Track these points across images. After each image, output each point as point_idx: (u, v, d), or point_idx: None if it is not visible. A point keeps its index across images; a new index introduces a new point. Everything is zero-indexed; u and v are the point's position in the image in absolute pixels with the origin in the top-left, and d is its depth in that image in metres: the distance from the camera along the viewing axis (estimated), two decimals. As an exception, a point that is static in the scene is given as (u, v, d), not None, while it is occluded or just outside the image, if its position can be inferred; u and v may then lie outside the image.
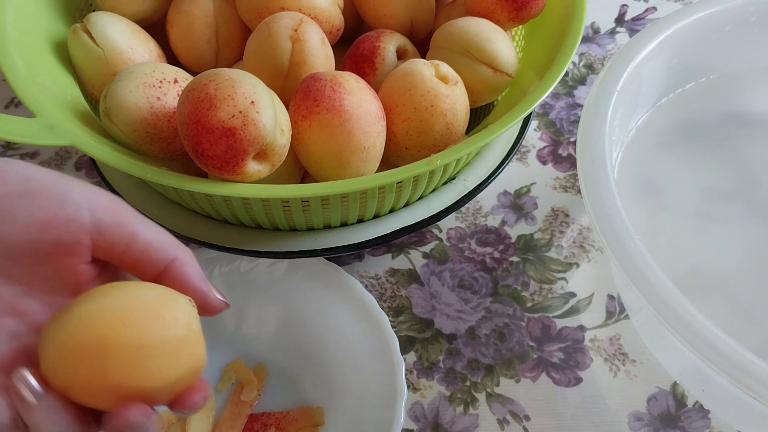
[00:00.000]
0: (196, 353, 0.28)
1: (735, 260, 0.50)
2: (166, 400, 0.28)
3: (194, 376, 0.28)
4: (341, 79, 0.43)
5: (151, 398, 0.27)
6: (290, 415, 0.46)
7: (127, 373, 0.26)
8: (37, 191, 0.28)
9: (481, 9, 0.50)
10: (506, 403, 0.48)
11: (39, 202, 0.28)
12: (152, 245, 0.29)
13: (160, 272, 0.30)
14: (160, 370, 0.27)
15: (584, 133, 0.47)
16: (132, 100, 0.42)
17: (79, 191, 0.29)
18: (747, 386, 0.36)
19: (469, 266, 0.54)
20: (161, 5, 0.53)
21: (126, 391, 0.26)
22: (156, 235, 0.30)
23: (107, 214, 0.29)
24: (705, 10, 0.54)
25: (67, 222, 0.28)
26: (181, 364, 0.27)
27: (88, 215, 0.28)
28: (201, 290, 0.30)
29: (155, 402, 0.28)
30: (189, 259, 0.30)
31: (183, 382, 0.28)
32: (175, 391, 0.28)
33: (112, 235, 0.29)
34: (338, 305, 0.47)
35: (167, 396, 0.28)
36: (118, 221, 0.29)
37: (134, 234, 0.29)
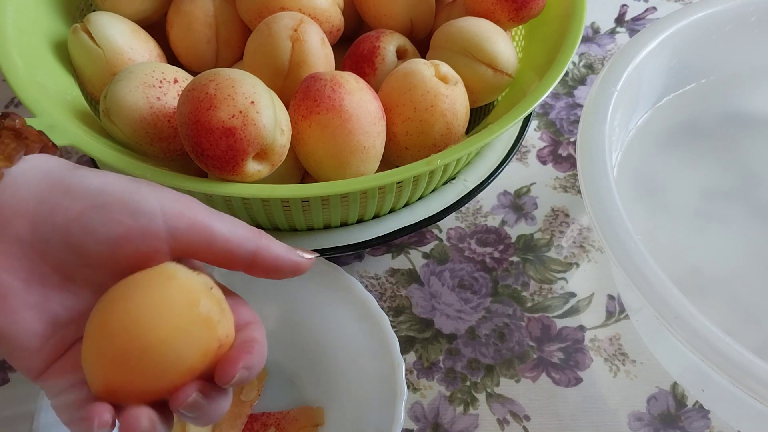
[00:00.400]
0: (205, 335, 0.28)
1: (735, 260, 0.50)
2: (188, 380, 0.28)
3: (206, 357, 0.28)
4: (341, 79, 0.43)
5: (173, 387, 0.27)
6: (290, 415, 0.46)
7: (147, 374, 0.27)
8: (110, 205, 0.28)
9: (481, 9, 0.50)
10: (506, 403, 0.48)
11: (113, 216, 0.28)
12: (231, 243, 0.30)
13: (247, 265, 0.30)
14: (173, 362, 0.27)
15: (584, 133, 0.47)
16: (132, 100, 0.42)
17: (152, 199, 0.29)
18: (747, 386, 0.36)
19: (469, 266, 0.54)
20: (161, 5, 0.53)
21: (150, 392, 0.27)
22: (233, 231, 0.30)
23: (182, 221, 0.29)
24: (705, 10, 0.54)
25: (143, 234, 0.28)
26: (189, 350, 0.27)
27: (162, 225, 0.28)
28: (293, 266, 0.31)
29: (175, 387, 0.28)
30: (268, 244, 0.31)
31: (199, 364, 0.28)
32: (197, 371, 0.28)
33: (188, 240, 0.29)
34: (338, 305, 0.47)
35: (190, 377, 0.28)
36: (193, 226, 0.29)
37: (211, 236, 0.29)
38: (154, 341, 0.27)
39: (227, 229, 0.30)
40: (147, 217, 0.28)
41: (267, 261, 0.31)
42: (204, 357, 0.28)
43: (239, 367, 0.28)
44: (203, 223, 0.29)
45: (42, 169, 0.30)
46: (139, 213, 0.28)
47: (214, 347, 0.28)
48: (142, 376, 0.27)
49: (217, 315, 0.28)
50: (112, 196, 0.28)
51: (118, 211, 0.28)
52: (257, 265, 0.30)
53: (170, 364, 0.27)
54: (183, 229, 0.29)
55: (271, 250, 0.31)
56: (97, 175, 0.29)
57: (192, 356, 0.27)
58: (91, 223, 0.28)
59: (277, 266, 0.31)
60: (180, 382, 0.27)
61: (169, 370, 0.27)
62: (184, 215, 0.29)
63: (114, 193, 0.28)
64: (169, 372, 0.27)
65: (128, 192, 0.29)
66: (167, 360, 0.27)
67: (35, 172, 0.29)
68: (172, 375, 0.27)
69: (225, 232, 0.30)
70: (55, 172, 0.29)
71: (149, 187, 0.29)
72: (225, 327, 0.29)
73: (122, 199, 0.28)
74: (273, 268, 0.31)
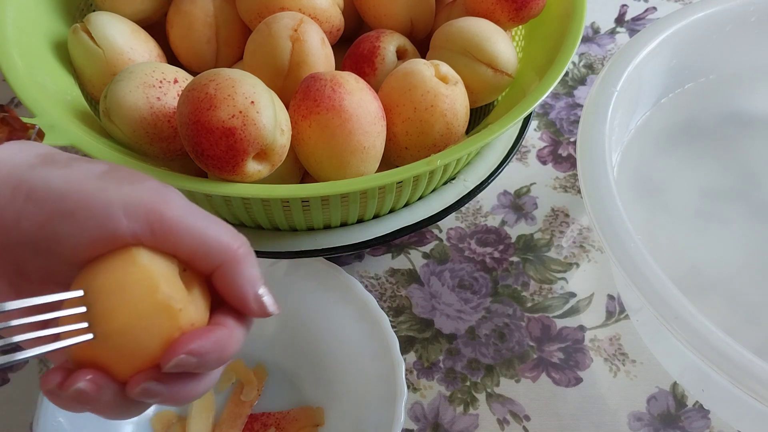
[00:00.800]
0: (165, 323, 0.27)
1: (735, 260, 0.50)
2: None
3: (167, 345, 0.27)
4: (341, 79, 0.43)
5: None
6: (290, 415, 0.46)
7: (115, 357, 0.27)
8: (75, 211, 0.27)
9: (481, 9, 0.50)
10: (506, 403, 0.48)
11: (79, 223, 0.27)
12: (197, 254, 0.28)
13: (209, 275, 0.29)
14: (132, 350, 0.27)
15: (584, 133, 0.47)
16: (132, 100, 0.42)
17: (116, 200, 0.27)
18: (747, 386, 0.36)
19: (469, 266, 0.54)
20: (161, 5, 0.53)
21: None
22: (201, 239, 0.28)
23: (146, 225, 0.27)
24: (705, 10, 0.54)
25: (111, 238, 0.27)
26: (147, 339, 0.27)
27: (127, 230, 0.27)
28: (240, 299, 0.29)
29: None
30: (233, 266, 0.28)
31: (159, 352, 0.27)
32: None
33: (154, 245, 0.28)
34: (338, 305, 0.47)
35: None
36: (157, 230, 0.27)
37: (176, 243, 0.28)
38: (111, 331, 0.26)
39: (197, 234, 0.28)
40: (113, 222, 0.27)
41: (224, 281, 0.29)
42: (165, 345, 0.27)
43: (183, 351, 0.26)
44: (171, 228, 0.28)
45: (4, 168, 0.28)
46: (106, 217, 0.27)
47: (175, 335, 0.27)
48: (104, 363, 0.27)
49: (180, 302, 0.27)
50: (75, 202, 0.27)
51: (82, 218, 0.27)
52: (216, 280, 0.29)
53: (129, 351, 0.26)
54: (148, 234, 0.28)
55: (233, 273, 0.28)
56: (62, 175, 0.28)
57: (150, 345, 0.27)
58: (56, 231, 0.27)
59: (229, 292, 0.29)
60: (141, 368, 0.27)
61: (128, 358, 0.27)
62: (149, 219, 0.27)
63: (77, 198, 0.27)
64: (128, 360, 0.27)
65: (92, 196, 0.27)
66: (125, 348, 0.26)
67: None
68: (132, 363, 0.27)
69: (192, 239, 0.28)
70: (17, 172, 0.28)
71: (116, 185, 0.28)
72: (190, 313, 0.28)
73: (86, 206, 0.27)
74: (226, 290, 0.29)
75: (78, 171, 0.28)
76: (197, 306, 0.28)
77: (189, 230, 0.28)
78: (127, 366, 0.27)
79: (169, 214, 0.28)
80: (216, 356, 0.27)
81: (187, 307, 0.28)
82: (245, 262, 0.29)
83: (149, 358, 0.27)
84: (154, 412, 0.45)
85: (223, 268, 0.28)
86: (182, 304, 0.27)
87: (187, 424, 0.45)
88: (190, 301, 0.28)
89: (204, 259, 0.28)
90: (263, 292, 0.29)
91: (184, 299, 0.28)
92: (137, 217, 0.27)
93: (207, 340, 0.27)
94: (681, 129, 0.57)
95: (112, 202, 0.27)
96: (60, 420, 0.41)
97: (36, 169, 0.28)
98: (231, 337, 0.28)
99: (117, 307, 0.26)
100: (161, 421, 0.45)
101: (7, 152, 0.29)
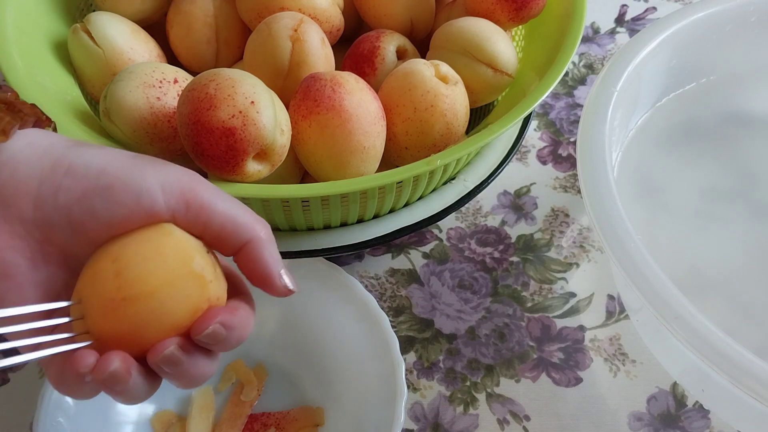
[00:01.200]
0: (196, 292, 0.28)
1: (735, 260, 0.50)
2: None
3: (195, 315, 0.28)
4: (341, 79, 0.43)
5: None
6: (290, 415, 0.46)
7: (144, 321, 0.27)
8: (112, 186, 0.28)
9: (481, 9, 0.50)
10: (506, 403, 0.48)
11: (115, 198, 0.28)
12: (226, 230, 0.29)
13: (234, 253, 0.30)
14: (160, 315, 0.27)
15: (584, 133, 0.47)
16: (132, 100, 0.42)
17: (153, 178, 0.28)
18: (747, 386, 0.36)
19: (469, 266, 0.54)
20: (161, 5, 0.53)
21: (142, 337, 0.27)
22: (231, 217, 0.29)
23: (182, 201, 0.29)
24: (705, 10, 0.54)
25: (146, 215, 0.28)
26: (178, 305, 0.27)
27: (164, 205, 0.28)
28: (266, 276, 0.30)
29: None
30: (260, 243, 0.30)
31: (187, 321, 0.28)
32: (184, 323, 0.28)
33: (187, 220, 0.29)
34: (338, 305, 0.47)
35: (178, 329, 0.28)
36: (192, 205, 0.29)
37: (209, 218, 0.29)
38: (142, 293, 0.27)
39: (225, 214, 0.29)
40: (149, 198, 0.28)
41: (247, 261, 0.30)
42: (192, 315, 0.27)
43: (215, 321, 0.27)
44: (202, 204, 0.29)
45: (41, 146, 0.29)
46: (142, 193, 0.28)
47: (203, 307, 0.28)
48: (128, 327, 0.27)
49: (210, 275, 0.28)
50: (114, 177, 0.28)
51: (120, 193, 0.28)
52: (239, 259, 0.30)
53: (157, 316, 0.27)
54: (183, 210, 0.29)
55: (260, 251, 0.30)
56: (99, 153, 0.29)
57: (180, 312, 0.27)
58: (93, 205, 0.28)
59: (254, 269, 0.30)
60: (165, 336, 0.27)
61: (155, 323, 0.27)
62: (184, 195, 0.29)
63: (116, 174, 0.28)
64: (154, 325, 0.27)
65: (130, 172, 0.28)
66: (154, 313, 0.27)
67: (34, 149, 0.29)
68: (159, 328, 0.27)
69: (222, 218, 0.29)
70: (56, 150, 0.29)
71: (151, 165, 0.29)
72: (217, 288, 0.29)
73: (124, 181, 0.28)
74: (251, 267, 0.30)
75: (113, 152, 0.30)
76: (221, 283, 0.29)
77: (220, 208, 0.29)
78: (154, 331, 0.27)
79: (202, 192, 0.29)
80: (238, 333, 0.29)
81: (215, 281, 0.29)
82: (270, 243, 0.30)
83: (176, 326, 0.27)
84: (154, 411, 0.45)
85: (248, 247, 0.30)
86: (213, 277, 0.28)
87: (187, 424, 0.45)
88: (217, 277, 0.29)
89: (231, 236, 0.29)
90: (285, 272, 0.31)
91: (214, 274, 0.29)
92: (173, 194, 0.29)
93: (234, 315, 0.28)
94: (681, 129, 0.57)
95: (149, 179, 0.28)
96: (60, 420, 0.41)
97: (74, 149, 0.29)
98: (249, 318, 0.30)
99: (152, 272, 0.27)
100: (161, 421, 0.45)
101: (41, 135, 0.30)
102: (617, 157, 0.54)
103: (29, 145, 0.29)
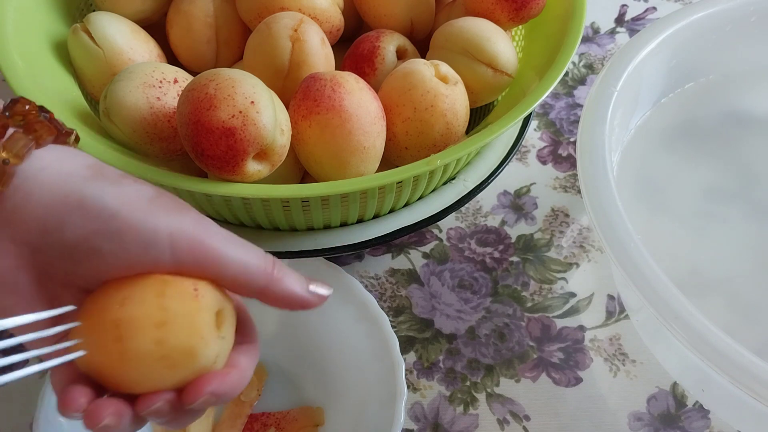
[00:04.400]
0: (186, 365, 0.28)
1: (735, 260, 0.50)
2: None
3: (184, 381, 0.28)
4: (341, 79, 0.43)
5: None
6: (290, 415, 0.46)
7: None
8: (123, 232, 0.28)
9: (481, 9, 0.50)
10: (506, 403, 0.48)
11: (124, 245, 0.28)
12: (240, 278, 0.29)
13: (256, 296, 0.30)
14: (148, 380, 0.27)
15: (584, 133, 0.47)
16: (132, 100, 0.42)
17: (164, 228, 0.28)
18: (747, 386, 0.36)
19: (469, 266, 0.54)
20: (161, 5, 0.53)
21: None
22: (244, 263, 0.29)
23: (190, 255, 0.28)
24: (705, 10, 0.54)
25: (151, 265, 0.28)
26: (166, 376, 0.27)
27: (170, 258, 0.28)
28: (301, 303, 0.30)
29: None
30: (281, 278, 0.30)
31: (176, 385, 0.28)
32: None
33: (195, 272, 0.29)
34: (338, 305, 0.47)
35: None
36: (200, 259, 0.28)
37: (220, 269, 0.29)
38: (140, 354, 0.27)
39: (239, 260, 0.29)
40: (157, 250, 0.28)
41: (276, 296, 0.30)
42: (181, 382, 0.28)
43: (206, 392, 0.27)
44: (213, 255, 0.29)
45: (56, 172, 0.29)
46: (150, 244, 0.28)
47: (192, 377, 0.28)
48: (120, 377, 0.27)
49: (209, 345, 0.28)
50: (125, 223, 0.28)
51: (129, 241, 0.28)
52: (266, 297, 0.30)
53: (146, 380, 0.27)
54: (190, 264, 0.28)
55: (282, 284, 0.30)
56: (115, 193, 0.28)
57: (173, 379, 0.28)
58: (100, 246, 0.28)
59: (286, 302, 0.30)
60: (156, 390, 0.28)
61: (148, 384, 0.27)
62: (193, 249, 0.28)
63: (128, 219, 0.28)
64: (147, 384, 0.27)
65: (143, 219, 0.28)
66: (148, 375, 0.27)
67: (49, 175, 0.28)
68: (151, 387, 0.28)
69: (235, 265, 0.29)
70: (71, 180, 0.28)
71: (165, 212, 0.29)
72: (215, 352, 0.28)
73: (135, 230, 0.28)
74: (281, 302, 0.30)
75: (130, 191, 0.29)
76: (224, 343, 0.29)
77: (230, 259, 0.29)
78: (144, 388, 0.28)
79: (211, 245, 0.29)
80: (229, 396, 0.29)
81: (214, 345, 0.28)
82: (286, 276, 0.30)
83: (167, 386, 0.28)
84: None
85: (268, 291, 0.30)
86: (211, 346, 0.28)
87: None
88: (218, 337, 0.29)
89: (246, 286, 0.29)
90: (312, 286, 0.31)
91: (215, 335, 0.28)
92: (182, 248, 0.28)
93: (227, 378, 0.29)
94: (681, 129, 0.57)
95: (160, 230, 0.28)
96: (60, 420, 0.41)
97: (90, 182, 0.29)
98: (242, 378, 0.30)
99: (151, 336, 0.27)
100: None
101: (57, 158, 0.29)
102: (617, 157, 0.54)
103: (43, 170, 0.28)
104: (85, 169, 0.29)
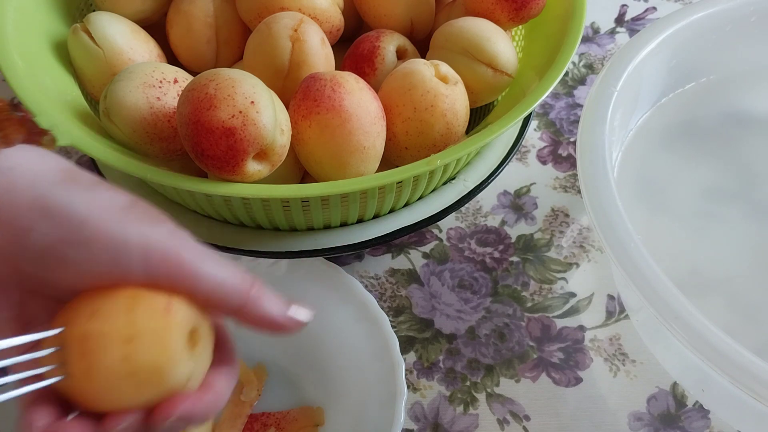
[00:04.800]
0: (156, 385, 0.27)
1: (735, 260, 0.50)
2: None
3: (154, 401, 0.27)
4: (341, 79, 0.43)
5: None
6: (290, 415, 0.46)
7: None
8: (92, 241, 0.26)
9: (481, 9, 0.50)
10: (506, 403, 0.48)
11: (93, 255, 0.26)
12: (213, 299, 0.28)
13: (231, 316, 0.28)
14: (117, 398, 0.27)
15: (584, 133, 0.47)
16: (132, 100, 0.42)
17: (136, 240, 0.27)
18: (747, 386, 0.36)
19: (469, 266, 0.54)
20: (161, 5, 0.53)
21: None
22: (217, 285, 0.28)
23: (163, 267, 0.27)
24: (705, 10, 0.54)
25: (121, 277, 0.27)
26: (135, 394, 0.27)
27: (142, 270, 0.27)
28: (278, 328, 0.29)
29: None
30: (257, 299, 0.28)
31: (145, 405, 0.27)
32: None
33: (168, 286, 0.27)
34: (338, 305, 0.47)
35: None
36: (173, 272, 0.27)
37: (193, 287, 0.27)
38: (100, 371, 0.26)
39: (214, 276, 0.27)
40: (127, 261, 0.27)
41: (252, 317, 0.28)
42: (150, 401, 0.27)
43: (175, 413, 0.26)
44: (187, 269, 0.27)
45: (24, 173, 0.27)
46: (120, 255, 0.26)
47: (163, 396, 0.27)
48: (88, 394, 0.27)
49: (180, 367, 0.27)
50: (95, 231, 0.26)
51: (97, 251, 0.26)
52: (242, 317, 0.28)
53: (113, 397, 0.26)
54: (163, 278, 0.27)
55: (258, 306, 0.28)
56: (86, 199, 0.27)
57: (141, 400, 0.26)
58: (66, 254, 0.26)
59: (262, 324, 0.29)
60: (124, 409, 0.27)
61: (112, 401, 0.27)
62: (166, 261, 0.27)
63: (98, 228, 0.26)
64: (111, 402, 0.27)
65: (113, 229, 0.27)
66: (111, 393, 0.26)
67: (16, 176, 0.27)
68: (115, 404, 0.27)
69: (210, 281, 0.27)
70: (39, 183, 0.27)
71: (138, 222, 0.27)
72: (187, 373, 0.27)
73: (105, 239, 0.26)
74: (257, 324, 0.29)
75: (102, 198, 0.27)
76: (197, 362, 0.28)
77: (204, 276, 0.27)
78: (111, 406, 0.27)
79: (185, 260, 0.27)
80: (202, 419, 0.27)
81: (186, 364, 0.27)
82: (264, 298, 0.29)
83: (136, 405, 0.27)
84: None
85: (244, 311, 0.28)
86: (182, 365, 0.27)
87: (187, 424, 0.45)
88: (191, 357, 0.27)
89: (220, 304, 0.28)
90: (292, 309, 0.29)
91: (184, 358, 0.27)
92: (153, 261, 0.27)
93: (200, 401, 0.27)
94: (681, 129, 0.57)
95: (131, 240, 0.27)
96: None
97: (59, 187, 0.27)
98: (217, 401, 0.28)
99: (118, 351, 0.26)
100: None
101: (27, 159, 0.28)
102: (617, 157, 0.54)
103: (11, 170, 0.27)
104: (56, 172, 0.28)
